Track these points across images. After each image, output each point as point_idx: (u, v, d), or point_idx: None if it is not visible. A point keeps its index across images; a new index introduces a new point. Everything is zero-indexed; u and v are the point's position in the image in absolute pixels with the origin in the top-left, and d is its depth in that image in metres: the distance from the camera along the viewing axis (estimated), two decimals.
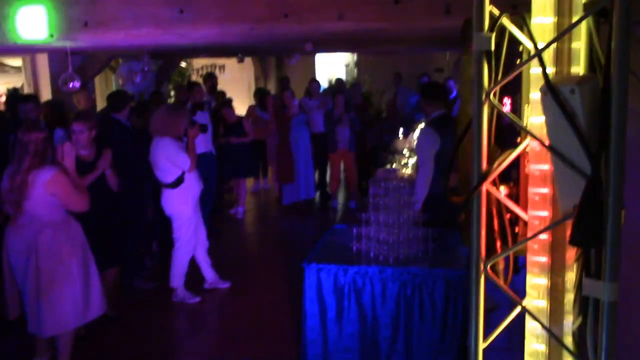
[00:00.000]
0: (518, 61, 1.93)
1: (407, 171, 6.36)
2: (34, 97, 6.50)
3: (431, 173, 4.65)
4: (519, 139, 1.97)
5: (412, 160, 6.75)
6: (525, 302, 1.93)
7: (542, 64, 1.61)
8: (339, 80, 11.42)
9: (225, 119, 8.35)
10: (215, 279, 5.74)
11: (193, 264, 5.58)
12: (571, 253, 1.87)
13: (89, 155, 4.63)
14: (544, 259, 1.90)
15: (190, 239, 5.40)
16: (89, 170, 4.55)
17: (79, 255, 4.02)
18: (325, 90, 10.57)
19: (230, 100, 9.00)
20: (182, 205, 5.30)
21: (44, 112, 6.51)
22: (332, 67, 16.62)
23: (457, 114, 7.78)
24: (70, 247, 3.96)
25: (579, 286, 1.84)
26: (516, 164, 2.00)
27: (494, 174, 1.90)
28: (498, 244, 2.04)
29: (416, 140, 5.24)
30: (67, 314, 3.95)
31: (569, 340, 1.90)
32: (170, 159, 5.15)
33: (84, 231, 4.20)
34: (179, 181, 5.21)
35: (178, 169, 5.19)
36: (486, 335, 1.94)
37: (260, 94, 10.13)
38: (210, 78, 10.07)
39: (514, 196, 2.04)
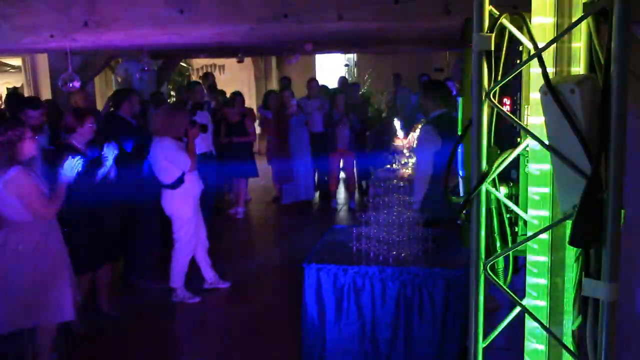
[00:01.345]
0: (518, 61, 1.93)
1: (407, 171, 6.36)
2: (41, 103, 6.44)
3: (429, 172, 4.63)
4: (518, 139, 1.98)
5: (412, 160, 6.75)
6: (525, 302, 1.93)
7: (542, 64, 1.61)
8: (342, 79, 11.38)
9: (227, 118, 8.34)
10: (215, 279, 5.74)
11: (193, 263, 5.58)
12: (571, 253, 1.87)
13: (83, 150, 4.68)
14: (544, 259, 1.90)
15: (190, 239, 5.40)
16: (87, 164, 4.57)
17: (49, 256, 3.96)
18: (328, 90, 10.53)
19: (231, 100, 8.98)
20: (182, 205, 5.30)
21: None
22: (332, 67, 16.61)
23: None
24: (42, 248, 3.91)
25: (578, 286, 1.84)
26: (516, 164, 2.00)
27: (494, 174, 1.90)
28: (498, 244, 2.04)
29: (416, 139, 5.20)
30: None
31: (568, 340, 1.90)
32: (170, 160, 5.16)
33: (78, 227, 4.18)
34: (179, 182, 5.22)
35: (178, 170, 5.19)
36: (486, 335, 1.94)
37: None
38: (208, 77, 10.09)
39: (514, 196, 2.04)
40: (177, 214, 5.35)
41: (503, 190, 2.02)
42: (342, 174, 9.67)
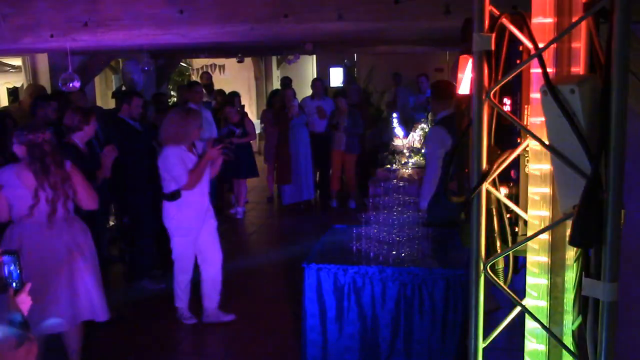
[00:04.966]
0: (518, 61, 1.93)
1: (407, 171, 6.36)
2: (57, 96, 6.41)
3: (438, 172, 4.64)
4: (519, 139, 1.98)
5: (412, 160, 6.75)
6: (525, 302, 1.93)
7: (542, 64, 1.61)
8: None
9: (227, 118, 8.33)
10: (217, 313, 5.13)
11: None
12: (571, 253, 1.87)
13: (84, 149, 4.73)
14: (544, 259, 1.90)
15: (185, 258, 4.94)
16: (88, 164, 4.55)
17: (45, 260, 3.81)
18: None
19: (231, 100, 8.99)
20: (178, 219, 4.84)
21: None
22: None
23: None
24: (42, 250, 3.82)
25: (578, 286, 1.84)
26: (516, 164, 2.00)
27: (494, 174, 1.90)
28: (498, 244, 2.04)
29: (426, 140, 5.17)
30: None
31: (568, 340, 1.90)
32: (166, 171, 4.75)
33: None
34: (175, 194, 4.75)
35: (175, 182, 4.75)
36: (486, 335, 1.94)
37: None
38: (204, 78, 10.18)
39: (514, 196, 2.04)
40: (173, 228, 4.87)
41: (503, 190, 2.02)
42: (342, 174, 9.67)
